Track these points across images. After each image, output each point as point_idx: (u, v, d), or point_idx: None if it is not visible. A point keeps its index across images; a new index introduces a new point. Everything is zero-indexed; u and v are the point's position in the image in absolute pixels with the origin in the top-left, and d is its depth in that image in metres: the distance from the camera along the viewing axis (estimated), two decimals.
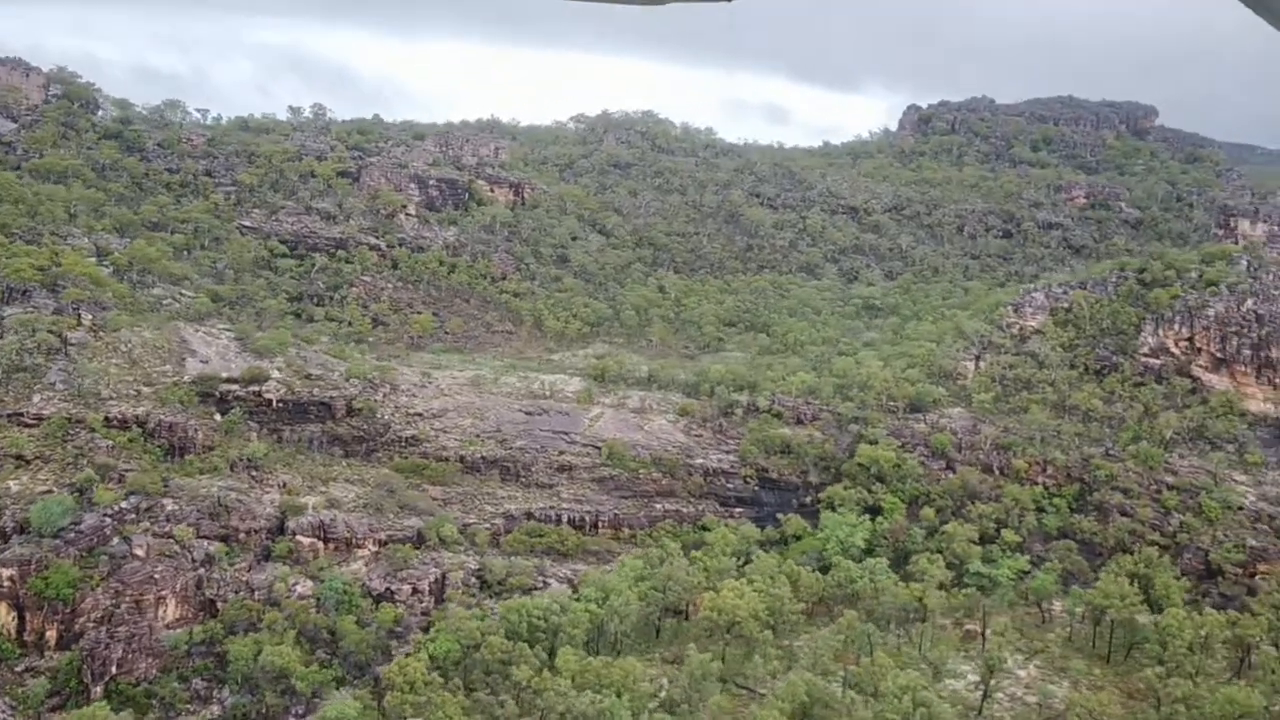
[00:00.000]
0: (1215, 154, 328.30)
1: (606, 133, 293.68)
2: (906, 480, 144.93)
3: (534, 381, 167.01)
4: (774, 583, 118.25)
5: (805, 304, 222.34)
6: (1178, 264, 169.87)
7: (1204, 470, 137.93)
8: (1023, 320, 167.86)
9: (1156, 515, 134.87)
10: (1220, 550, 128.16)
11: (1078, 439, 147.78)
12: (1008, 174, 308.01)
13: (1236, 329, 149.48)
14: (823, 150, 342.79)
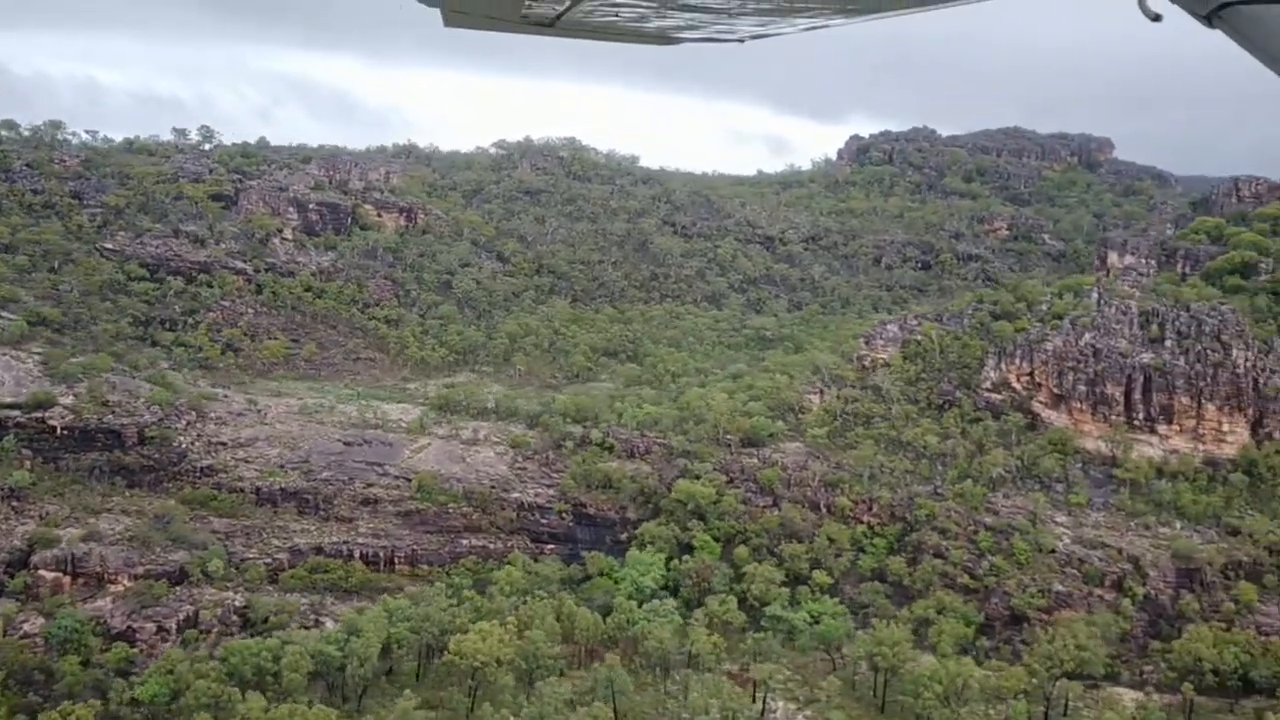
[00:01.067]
0: (1150, 187, 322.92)
1: (522, 159, 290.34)
2: (725, 517, 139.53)
3: (372, 410, 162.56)
4: (539, 624, 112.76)
5: (693, 334, 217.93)
6: (1030, 296, 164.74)
7: (1025, 511, 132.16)
8: (873, 353, 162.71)
9: (970, 557, 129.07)
10: (1024, 595, 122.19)
11: (908, 476, 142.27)
12: (935, 205, 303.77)
13: (1073, 364, 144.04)
14: (753, 179, 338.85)
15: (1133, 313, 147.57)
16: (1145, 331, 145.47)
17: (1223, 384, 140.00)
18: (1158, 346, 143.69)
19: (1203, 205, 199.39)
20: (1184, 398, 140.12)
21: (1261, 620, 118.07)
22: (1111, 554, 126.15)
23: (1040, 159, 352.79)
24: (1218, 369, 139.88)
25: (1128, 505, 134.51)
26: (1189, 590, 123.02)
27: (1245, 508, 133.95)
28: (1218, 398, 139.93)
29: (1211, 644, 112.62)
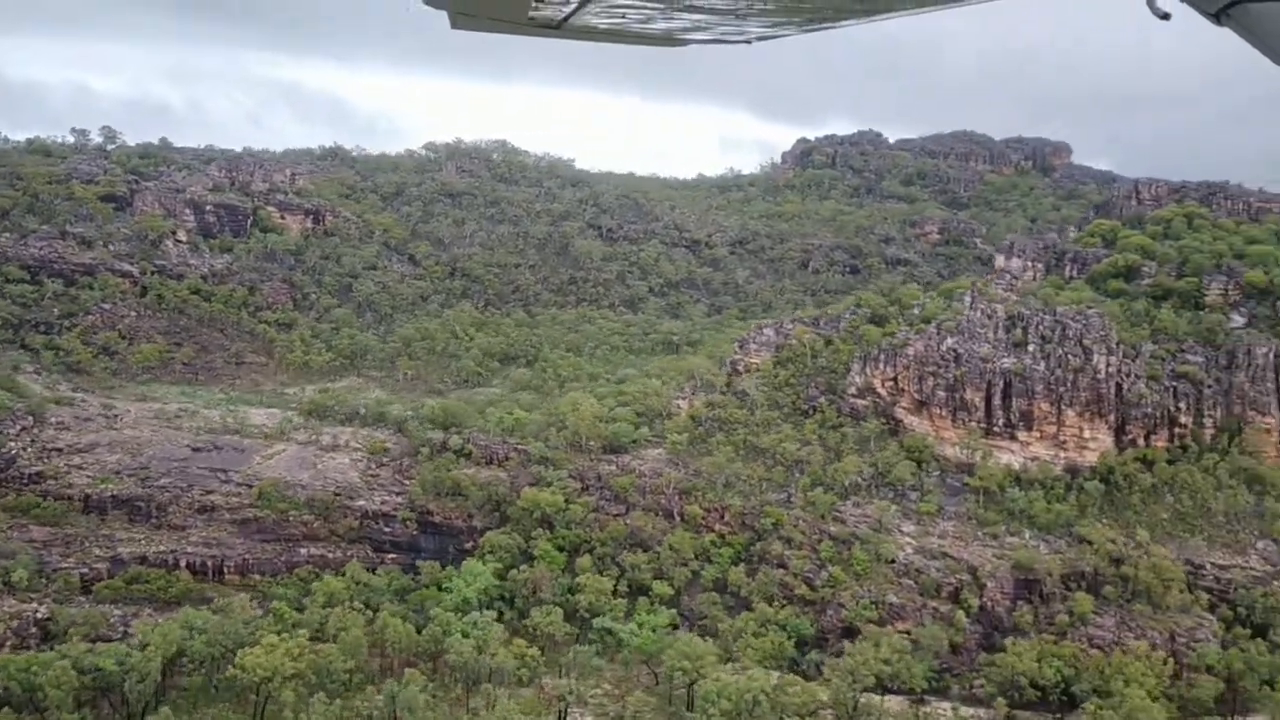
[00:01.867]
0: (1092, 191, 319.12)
1: (449, 161, 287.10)
2: (572, 526, 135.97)
3: (236, 416, 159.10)
4: (344, 637, 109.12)
5: (596, 339, 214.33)
6: (904, 300, 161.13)
7: (871, 520, 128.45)
8: (746, 357, 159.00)
9: (812, 567, 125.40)
10: (857, 607, 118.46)
11: (764, 484, 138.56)
12: (870, 209, 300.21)
13: (933, 369, 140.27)
14: (693, 183, 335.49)
15: (999, 317, 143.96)
16: (1010, 336, 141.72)
17: (1083, 390, 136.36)
18: (1020, 351, 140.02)
19: (1104, 208, 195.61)
20: (1043, 404, 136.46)
21: (1094, 633, 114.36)
22: (951, 564, 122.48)
23: (988, 163, 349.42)
24: (1078, 374, 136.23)
25: (979, 514, 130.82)
26: (1026, 601, 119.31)
27: (1098, 516, 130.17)
28: (1077, 404, 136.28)
29: (1036, 657, 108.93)
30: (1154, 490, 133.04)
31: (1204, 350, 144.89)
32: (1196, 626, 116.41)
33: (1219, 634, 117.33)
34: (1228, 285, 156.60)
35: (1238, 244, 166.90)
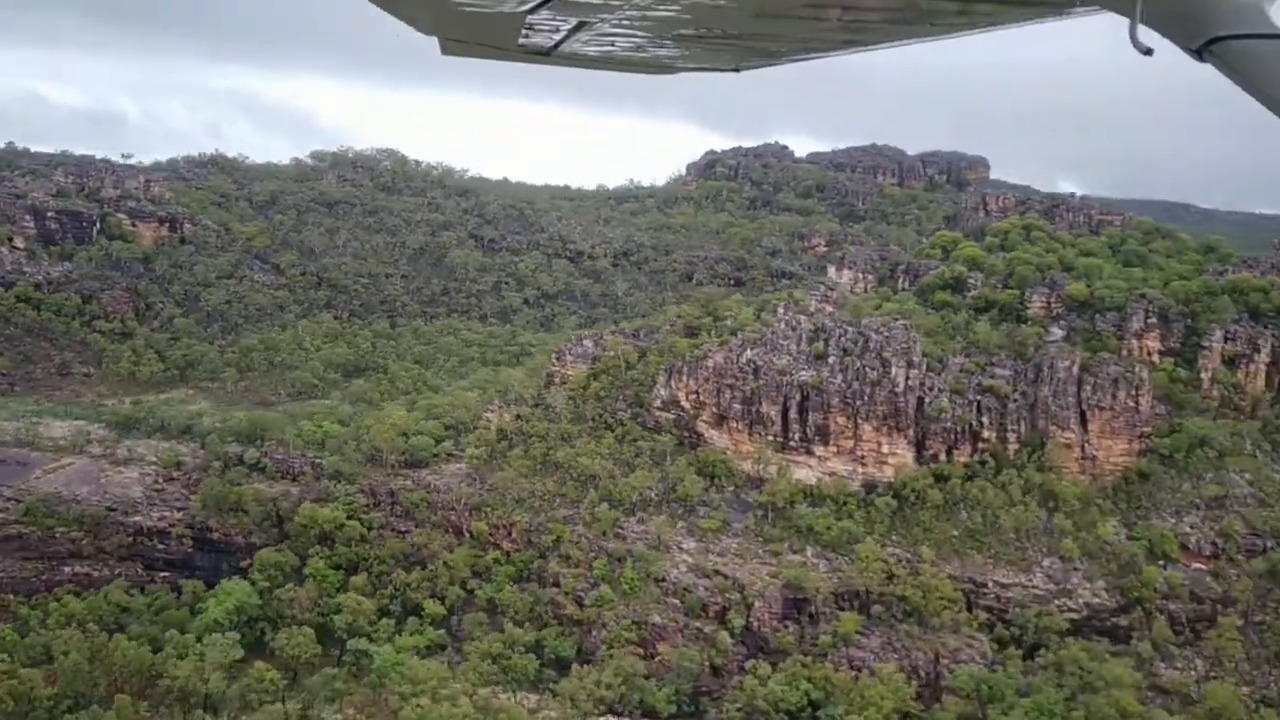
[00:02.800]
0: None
1: (332, 169, 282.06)
2: (351, 543, 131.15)
3: (31, 428, 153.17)
4: (63, 660, 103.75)
5: (449, 350, 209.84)
6: (720, 311, 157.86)
7: (651, 536, 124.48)
8: (562, 368, 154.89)
9: (585, 585, 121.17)
10: (619, 627, 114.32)
11: (557, 499, 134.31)
12: (764, 221, 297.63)
13: (731, 381, 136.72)
14: (590, 193, 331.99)
15: (803, 329, 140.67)
16: (813, 348, 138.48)
17: (880, 403, 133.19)
18: (820, 364, 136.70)
19: (953, 220, 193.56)
20: (840, 417, 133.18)
21: (855, 654, 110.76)
22: (722, 583, 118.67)
23: (895, 177, 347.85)
24: (875, 388, 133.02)
25: (766, 531, 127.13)
26: (795, 621, 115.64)
27: (887, 534, 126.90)
28: (874, 417, 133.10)
29: (786, 679, 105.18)
30: (948, 507, 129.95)
31: (1014, 364, 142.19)
32: (962, 647, 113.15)
33: (990, 654, 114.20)
34: (1050, 298, 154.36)
35: (1070, 256, 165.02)
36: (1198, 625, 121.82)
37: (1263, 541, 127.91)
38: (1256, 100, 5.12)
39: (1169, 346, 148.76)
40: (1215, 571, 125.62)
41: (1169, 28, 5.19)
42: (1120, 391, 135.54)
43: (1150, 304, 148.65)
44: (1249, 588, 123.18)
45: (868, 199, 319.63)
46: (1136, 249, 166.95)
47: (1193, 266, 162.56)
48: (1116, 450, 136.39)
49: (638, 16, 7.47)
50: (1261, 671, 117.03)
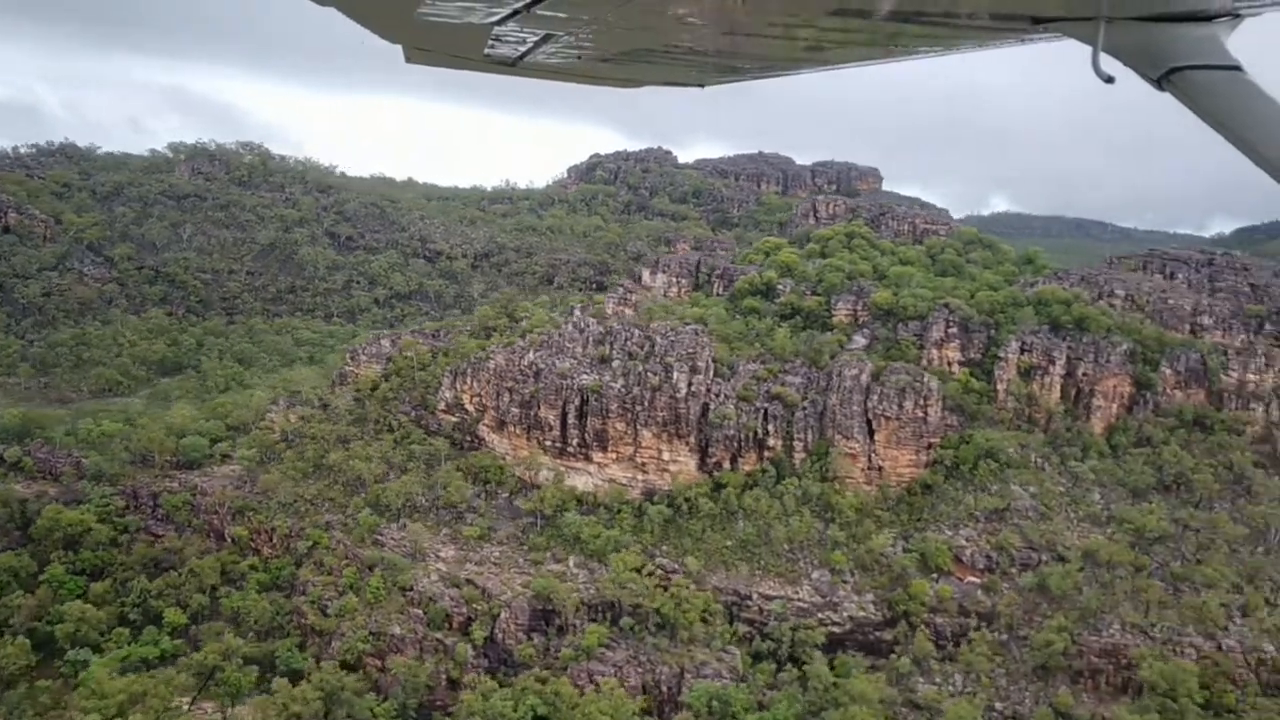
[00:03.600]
0: None
1: (186, 162, 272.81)
2: (98, 548, 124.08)
3: None
4: None
5: (271, 349, 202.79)
6: (516, 311, 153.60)
7: (408, 544, 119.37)
8: (356, 368, 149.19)
9: (333, 594, 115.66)
10: (356, 638, 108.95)
11: (326, 504, 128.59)
12: (635, 225, 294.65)
13: (511, 384, 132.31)
14: (464, 192, 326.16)
15: (591, 332, 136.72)
16: (599, 352, 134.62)
17: (660, 409, 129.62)
18: (604, 368, 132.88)
19: (787, 226, 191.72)
20: (619, 423, 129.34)
21: (595, 668, 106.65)
22: (471, 593, 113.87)
23: (779, 185, 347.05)
24: (655, 393, 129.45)
25: (531, 539, 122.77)
26: (541, 633, 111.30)
27: (657, 543, 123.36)
28: (654, 424, 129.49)
29: (513, 695, 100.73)
30: (724, 517, 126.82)
31: (807, 372, 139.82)
32: (711, 660, 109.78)
33: (742, 667, 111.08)
34: (856, 306, 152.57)
35: (885, 265, 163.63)
36: (962, 639, 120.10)
37: (1038, 555, 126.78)
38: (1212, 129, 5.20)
39: (969, 357, 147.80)
40: (988, 585, 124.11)
41: (1130, 57, 5.33)
42: (908, 401, 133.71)
43: (952, 314, 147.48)
44: (1014, 601, 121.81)
45: (743, 205, 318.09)
46: (953, 259, 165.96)
47: (1004, 278, 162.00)
48: (903, 461, 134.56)
49: (604, 31, 7.49)
50: (1019, 686, 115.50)
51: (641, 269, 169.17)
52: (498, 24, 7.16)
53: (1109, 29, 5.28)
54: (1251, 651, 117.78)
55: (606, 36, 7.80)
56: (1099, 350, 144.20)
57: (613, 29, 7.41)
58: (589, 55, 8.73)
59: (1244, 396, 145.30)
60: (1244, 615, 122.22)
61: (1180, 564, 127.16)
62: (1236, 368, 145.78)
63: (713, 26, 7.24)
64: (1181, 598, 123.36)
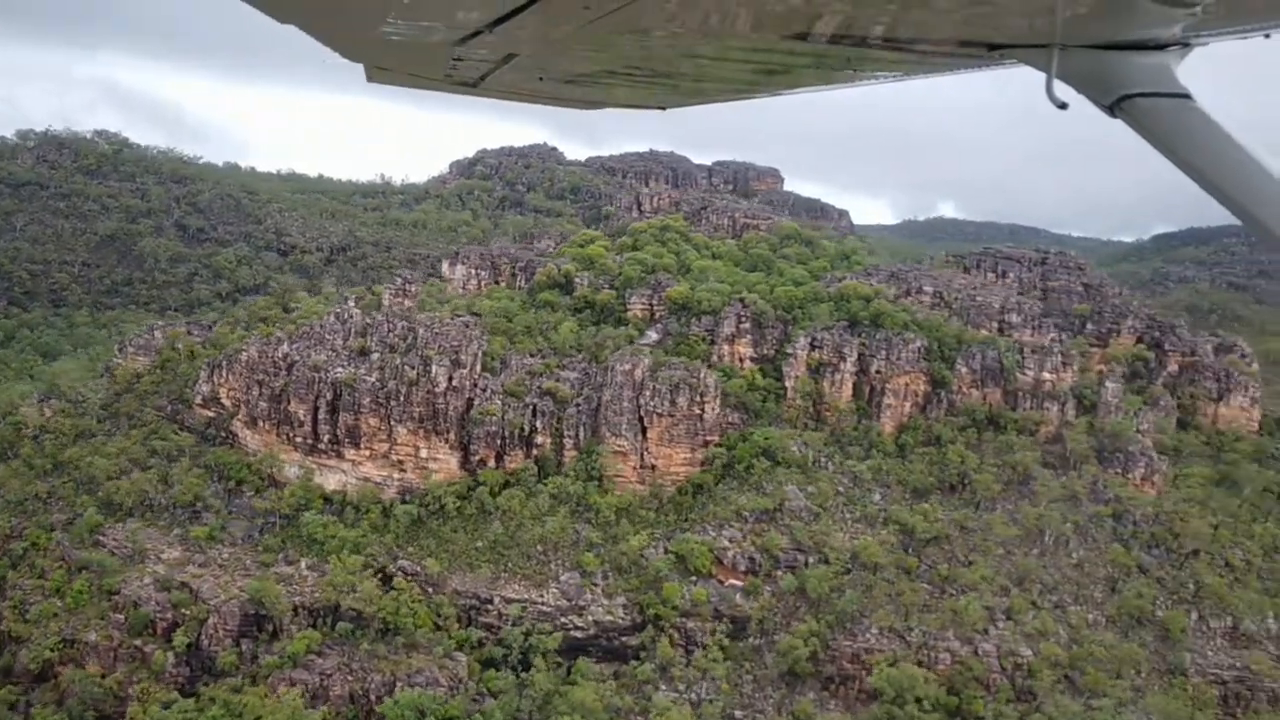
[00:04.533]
0: None
1: (31, 149, 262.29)
2: None
3: None
4: None
5: (88, 341, 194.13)
6: (289, 302, 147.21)
7: (127, 546, 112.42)
8: (126, 360, 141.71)
9: (39, 598, 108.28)
10: (44, 645, 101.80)
11: (58, 503, 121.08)
12: (507, 220, 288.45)
13: (262, 377, 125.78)
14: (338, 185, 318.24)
15: (354, 323, 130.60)
16: (357, 344, 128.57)
17: (416, 404, 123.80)
18: (361, 361, 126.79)
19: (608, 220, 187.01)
20: (372, 418, 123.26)
21: (299, 676, 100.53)
22: (181, 597, 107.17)
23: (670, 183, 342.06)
24: (412, 388, 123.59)
25: (266, 540, 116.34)
26: (253, 639, 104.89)
27: (404, 544, 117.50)
28: (410, 419, 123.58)
29: (196, 707, 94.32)
30: (478, 516, 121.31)
31: (586, 367, 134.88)
32: (430, 667, 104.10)
33: (467, 674, 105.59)
34: (652, 300, 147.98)
35: (694, 259, 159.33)
36: (714, 645, 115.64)
37: (804, 557, 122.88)
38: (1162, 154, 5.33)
39: (762, 353, 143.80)
40: (749, 588, 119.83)
41: (1083, 84, 5.46)
42: (681, 398, 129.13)
43: (746, 309, 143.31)
44: (770, 605, 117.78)
45: (620, 202, 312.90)
46: (764, 254, 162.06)
47: (813, 273, 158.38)
48: (677, 459, 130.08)
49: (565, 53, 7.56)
50: (763, 694, 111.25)
51: (442, 261, 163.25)
52: (459, 44, 7.09)
53: (1062, 56, 5.32)
54: (1009, 655, 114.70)
55: (568, 58, 7.86)
56: (891, 347, 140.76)
57: (574, 51, 7.42)
58: (550, 76, 8.82)
59: (1039, 396, 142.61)
60: (1008, 618, 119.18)
61: (950, 566, 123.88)
62: (1032, 366, 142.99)
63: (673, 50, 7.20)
64: (945, 601, 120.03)
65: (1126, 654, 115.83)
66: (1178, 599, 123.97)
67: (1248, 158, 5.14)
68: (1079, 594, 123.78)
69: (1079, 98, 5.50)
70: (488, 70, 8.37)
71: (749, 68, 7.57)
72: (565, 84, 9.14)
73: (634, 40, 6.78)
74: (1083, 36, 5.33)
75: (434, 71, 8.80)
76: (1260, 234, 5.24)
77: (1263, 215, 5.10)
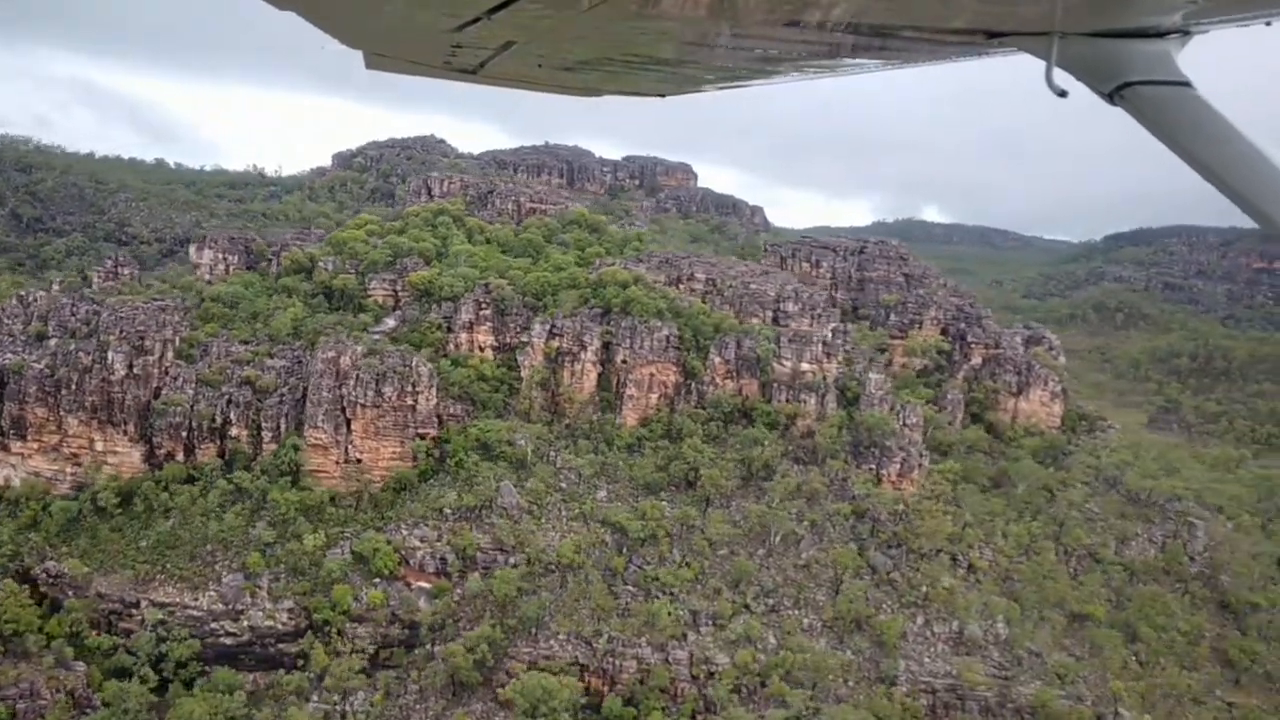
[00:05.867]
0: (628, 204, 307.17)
1: None
2: None
3: None
4: None
5: None
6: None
7: None
8: None
9: None
10: None
11: None
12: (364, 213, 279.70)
13: None
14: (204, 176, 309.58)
15: (37, 307, 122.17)
16: (38, 328, 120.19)
17: (90, 393, 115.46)
18: (35, 346, 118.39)
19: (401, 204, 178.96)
20: (39, 408, 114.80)
21: None
22: None
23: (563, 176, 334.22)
24: (84, 375, 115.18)
25: None
26: None
27: (50, 544, 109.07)
28: (83, 410, 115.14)
29: None
30: (145, 514, 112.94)
31: (297, 355, 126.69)
32: (32, 679, 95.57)
33: (93, 685, 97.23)
34: (396, 285, 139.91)
35: (457, 244, 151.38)
36: (384, 651, 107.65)
37: (506, 557, 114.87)
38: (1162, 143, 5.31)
39: (505, 341, 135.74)
40: (436, 591, 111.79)
41: (1083, 72, 5.45)
42: (389, 389, 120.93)
43: (490, 295, 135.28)
44: (450, 609, 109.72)
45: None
46: (535, 239, 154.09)
47: (579, 260, 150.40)
48: (385, 453, 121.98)
49: (565, 40, 7.55)
50: (426, 705, 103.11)
51: (191, 246, 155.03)
52: (457, 31, 7.06)
53: (1062, 43, 5.31)
54: (703, 663, 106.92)
55: (566, 45, 7.79)
56: (636, 336, 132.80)
57: (572, 38, 7.37)
58: (549, 64, 8.67)
59: (796, 388, 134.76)
60: (713, 623, 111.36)
61: (661, 568, 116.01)
62: (790, 356, 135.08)
63: (673, 37, 7.16)
64: (648, 605, 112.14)
65: (836, 661, 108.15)
66: (905, 603, 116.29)
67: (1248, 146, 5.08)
68: (800, 597, 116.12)
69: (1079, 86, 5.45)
70: (487, 57, 8.22)
71: (748, 55, 7.53)
72: (564, 71, 9.00)
73: (633, 27, 6.69)
74: (1083, 24, 5.27)
75: (433, 58, 8.64)
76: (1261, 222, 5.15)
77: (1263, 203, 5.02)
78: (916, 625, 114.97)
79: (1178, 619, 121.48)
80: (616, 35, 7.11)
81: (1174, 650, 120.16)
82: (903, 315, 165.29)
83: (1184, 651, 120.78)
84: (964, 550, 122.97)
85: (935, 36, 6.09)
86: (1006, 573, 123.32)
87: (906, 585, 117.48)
